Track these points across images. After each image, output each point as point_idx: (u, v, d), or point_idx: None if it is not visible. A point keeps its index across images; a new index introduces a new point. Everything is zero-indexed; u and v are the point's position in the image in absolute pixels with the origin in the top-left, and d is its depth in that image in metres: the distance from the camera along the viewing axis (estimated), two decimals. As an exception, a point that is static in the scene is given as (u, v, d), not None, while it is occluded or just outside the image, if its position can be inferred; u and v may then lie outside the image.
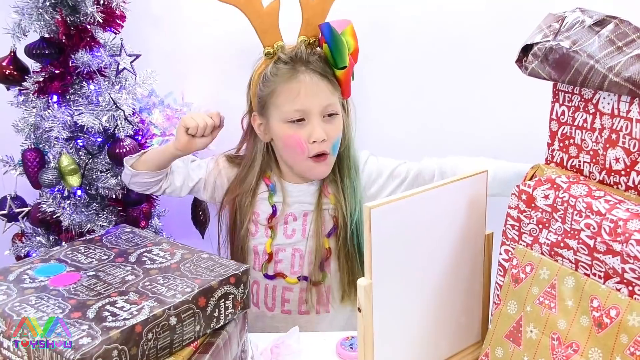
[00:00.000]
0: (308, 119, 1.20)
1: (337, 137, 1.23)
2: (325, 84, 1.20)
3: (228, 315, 0.82)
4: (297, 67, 1.20)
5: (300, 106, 1.19)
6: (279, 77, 1.20)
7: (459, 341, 0.97)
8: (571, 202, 0.79)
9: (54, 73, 1.36)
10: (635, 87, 0.74)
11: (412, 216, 0.85)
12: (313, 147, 1.20)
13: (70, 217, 1.37)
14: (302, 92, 1.19)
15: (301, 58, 1.20)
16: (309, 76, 1.19)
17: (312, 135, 1.19)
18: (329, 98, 1.21)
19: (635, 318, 0.70)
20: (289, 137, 1.21)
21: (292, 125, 1.20)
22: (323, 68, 1.21)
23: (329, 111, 1.21)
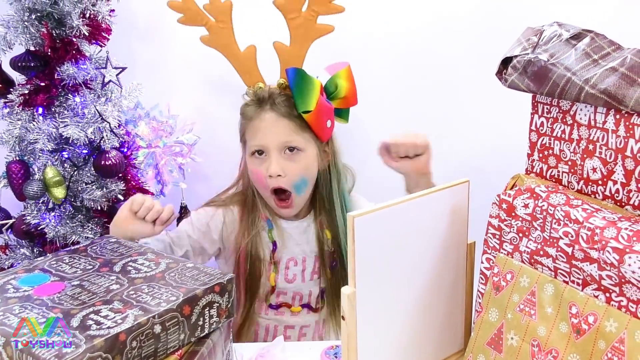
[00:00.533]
0: (267, 153, 1.25)
1: (300, 177, 1.26)
2: (287, 122, 1.24)
3: (213, 323, 0.83)
4: (263, 107, 1.26)
5: (258, 141, 1.25)
6: (247, 116, 1.27)
7: (442, 349, 0.98)
8: (550, 210, 0.80)
9: (39, 85, 1.37)
10: (610, 99, 0.76)
11: (395, 225, 0.86)
12: (270, 182, 1.24)
13: (55, 229, 1.37)
14: (261, 129, 1.25)
15: (265, 98, 1.26)
16: (270, 114, 1.25)
17: (268, 170, 1.24)
18: (289, 135, 1.24)
19: (612, 324, 0.71)
20: (252, 171, 1.28)
21: (255, 160, 1.26)
22: (287, 109, 1.24)
23: (288, 146, 1.24)
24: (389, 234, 0.86)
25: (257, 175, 1.26)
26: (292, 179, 1.25)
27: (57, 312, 0.75)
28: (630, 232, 0.71)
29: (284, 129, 1.24)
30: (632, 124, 0.76)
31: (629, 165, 0.77)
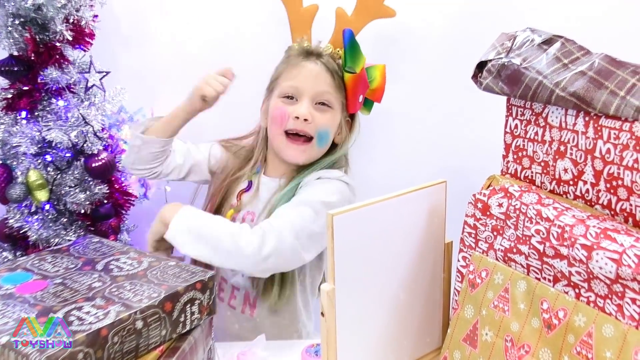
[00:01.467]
0: (300, 99, 1.26)
1: (326, 128, 1.27)
2: (329, 77, 1.27)
3: (194, 320, 0.84)
4: (308, 57, 1.28)
5: (295, 83, 1.26)
6: (289, 62, 1.29)
7: (420, 346, 1.00)
8: (523, 209, 0.83)
9: (22, 90, 1.37)
10: (579, 101, 0.79)
11: (374, 224, 0.88)
12: (294, 124, 1.25)
13: (38, 232, 1.37)
14: (302, 74, 1.26)
15: (314, 51, 1.29)
16: (315, 64, 1.27)
17: (296, 111, 1.24)
18: (327, 88, 1.26)
19: (581, 319, 0.74)
20: (276, 108, 1.27)
21: (284, 100, 1.27)
22: (333, 64, 1.28)
23: (322, 99, 1.26)
24: (367, 233, 0.88)
25: (280, 112, 1.26)
26: (318, 126, 1.26)
27: (40, 309, 0.76)
28: (598, 230, 0.73)
29: (324, 82, 1.26)
30: (601, 126, 0.78)
31: (597, 165, 0.80)
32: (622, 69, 0.76)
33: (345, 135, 1.34)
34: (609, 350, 0.70)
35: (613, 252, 0.70)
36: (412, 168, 1.54)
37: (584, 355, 0.72)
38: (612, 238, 0.71)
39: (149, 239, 1.20)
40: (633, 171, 0.75)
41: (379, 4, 1.37)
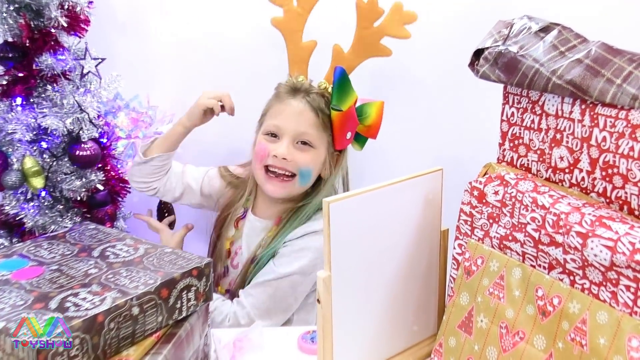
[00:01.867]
0: (281, 137, 1.27)
1: (307, 167, 1.28)
2: (312, 115, 1.27)
3: (190, 307, 0.84)
4: (295, 95, 1.29)
5: (277, 122, 1.28)
6: (277, 98, 1.31)
7: (416, 333, 1.01)
8: (518, 197, 0.83)
9: (17, 76, 1.37)
10: (576, 89, 0.79)
11: (370, 211, 0.88)
12: (272, 159, 1.27)
13: (34, 219, 1.37)
14: (285, 112, 1.28)
15: (302, 89, 1.29)
16: (299, 103, 1.28)
17: (275, 150, 1.27)
18: (308, 128, 1.27)
19: (575, 305, 0.74)
20: (258, 144, 1.30)
21: (267, 137, 1.29)
22: (318, 102, 1.28)
23: (303, 139, 1.27)
24: (363, 220, 0.88)
25: (261, 149, 1.28)
26: (299, 165, 1.28)
27: (36, 295, 0.76)
28: (593, 217, 0.74)
29: (306, 121, 1.27)
30: (597, 114, 0.78)
31: (593, 153, 0.80)
32: (619, 57, 0.76)
33: (331, 170, 1.34)
34: (602, 336, 0.70)
35: (608, 239, 0.70)
36: (408, 156, 1.54)
37: (577, 341, 0.73)
38: (607, 226, 0.72)
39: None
40: (628, 159, 0.76)
41: (376, 43, 1.35)
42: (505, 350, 0.81)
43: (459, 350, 0.88)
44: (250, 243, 1.36)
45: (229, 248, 1.38)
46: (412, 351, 1.00)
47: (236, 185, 1.43)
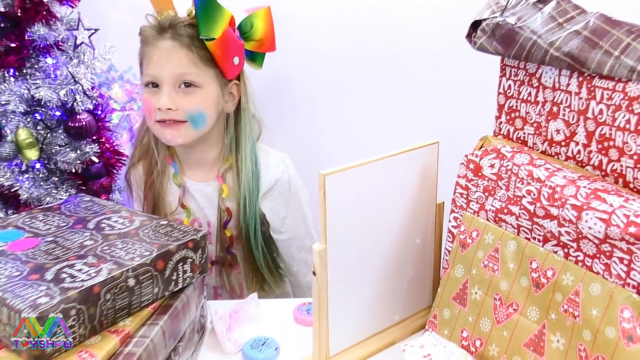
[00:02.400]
0: (161, 85, 1.17)
1: (197, 110, 1.18)
2: (185, 52, 1.16)
3: (186, 278, 0.85)
4: (162, 34, 1.17)
5: (151, 70, 1.17)
6: (144, 43, 1.20)
7: (410, 305, 1.02)
8: (514, 170, 0.83)
9: (9, 46, 1.35)
10: (573, 61, 0.78)
11: (365, 184, 0.88)
12: (158, 113, 1.18)
13: (29, 191, 1.36)
14: (154, 58, 1.17)
15: (167, 25, 1.17)
16: (168, 43, 1.16)
17: (158, 102, 1.17)
18: (184, 67, 1.16)
19: (569, 277, 0.74)
20: (144, 101, 1.21)
21: (149, 90, 1.19)
22: (189, 38, 1.16)
23: (184, 80, 1.17)
24: (359, 193, 0.88)
25: (146, 105, 1.19)
26: (187, 111, 1.18)
27: (31, 266, 0.76)
28: (588, 190, 0.74)
29: (181, 60, 1.16)
30: (594, 86, 0.78)
31: (590, 126, 0.80)
32: (617, 29, 0.75)
33: (235, 101, 1.25)
34: (595, 308, 0.71)
35: (602, 212, 0.70)
36: (404, 128, 1.54)
37: (570, 312, 0.73)
38: (601, 198, 0.72)
39: None
40: (625, 132, 0.75)
41: None
42: (499, 321, 0.82)
43: (453, 321, 0.89)
44: (207, 212, 1.29)
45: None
46: (407, 323, 1.01)
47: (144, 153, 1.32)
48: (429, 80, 1.53)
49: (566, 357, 0.74)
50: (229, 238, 1.29)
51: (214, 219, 1.29)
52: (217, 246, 1.30)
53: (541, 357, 0.76)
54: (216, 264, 1.33)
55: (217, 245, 1.30)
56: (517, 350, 0.79)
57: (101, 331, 0.74)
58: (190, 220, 1.29)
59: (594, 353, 0.71)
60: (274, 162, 1.29)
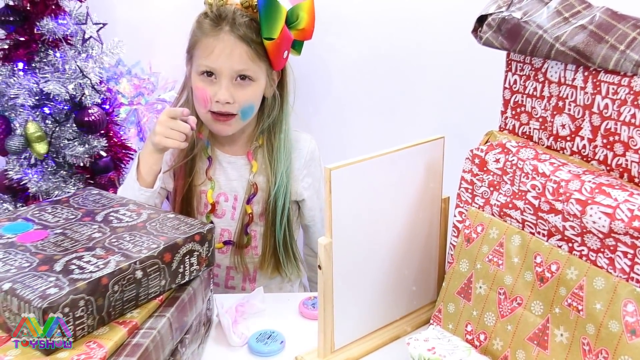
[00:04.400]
0: (218, 77, 1.21)
1: (249, 103, 1.23)
2: (245, 49, 1.19)
3: (193, 271, 0.85)
4: (221, 25, 1.19)
5: (211, 63, 1.20)
6: (202, 31, 1.21)
7: (415, 300, 1.02)
8: (519, 165, 0.83)
9: (19, 40, 1.36)
10: (579, 56, 0.78)
11: (371, 178, 0.89)
12: (215, 105, 1.21)
13: (38, 184, 1.37)
14: (216, 50, 1.19)
15: (227, 17, 1.19)
16: (229, 36, 1.19)
17: (217, 95, 1.20)
18: (244, 63, 1.20)
19: (573, 272, 0.75)
20: (197, 88, 1.23)
21: (204, 79, 1.22)
22: (247, 33, 1.19)
23: (241, 74, 1.21)
24: (365, 187, 0.88)
25: (202, 93, 1.22)
26: (241, 104, 1.22)
27: (41, 258, 0.77)
28: (593, 185, 0.74)
29: (242, 57, 1.19)
30: (599, 81, 0.78)
31: (595, 121, 0.80)
32: (623, 23, 0.75)
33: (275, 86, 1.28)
34: (599, 302, 0.71)
35: (607, 206, 0.71)
36: (410, 123, 1.54)
37: (574, 307, 0.74)
38: (606, 193, 0.72)
39: None
40: (630, 127, 0.76)
41: None
42: (503, 315, 0.82)
43: (457, 315, 0.89)
44: (236, 186, 1.31)
45: (212, 201, 1.30)
46: (412, 317, 1.01)
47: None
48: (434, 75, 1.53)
49: (570, 350, 0.74)
50: (249, 215, 1.31)
51: (241, 193, 1.31)
52: (238, 224, 1.32)
53: (545, 351, 0.77)
54: (232, 243, 1.33)
55: (238, 222, 1.32)
56: (521, 344, 0.80)
57: (109, 322, 0.75)
58: (216, 194, 1.31)
59: (598, 347, 0.71)
60: (305, 137, 1.36)
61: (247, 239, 1.33)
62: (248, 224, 1.32)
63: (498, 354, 0.82)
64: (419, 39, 1.52)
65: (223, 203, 1.31)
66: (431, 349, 0.83)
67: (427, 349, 0.83)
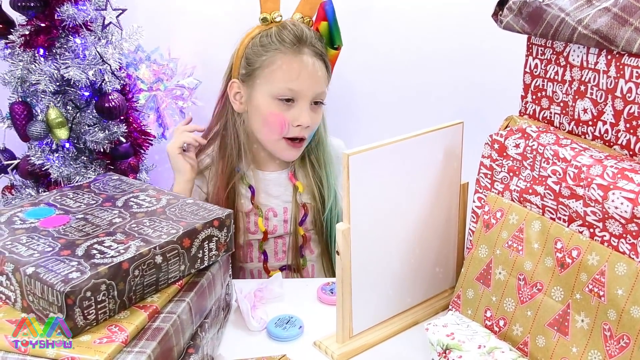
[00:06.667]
0: (297, 101, 1.17)
1: (317, 125, 1.23)
2: (324, 69, 1.19)
3: (212, 256, 0.86)
4: (302, 47, 1.16)
5: (296, 87, 1.16)
6: (280, 51, 1.16)
7: (434, 286, 1.02)
8: (540, 150, 0.82)
9: (39, 26, 1.37)
10: (602, 39, 0.77)
11: (390, 164, 0.88)
12: (294, 130, 1.18)
13: (59, 170, 1.39)
14: (302, 74, 1.16)
15: (307, 37, 1.17)
16: (312, 60, 1.17)
17: (298, 119, 1.17)
18: (323, 86, 1.19)
19: (594, 257, 0.74)
20: (272, 114, 1.17)
21: (280, 104, 1.17)
22: (323, 51, 1.19)
23: (318, 99, 1.20)
24: (383, 173, 0.88)
25: (279, 119, 1.17)
26: (313, 129, 1.22)
27: (63, 243, 0.78)
28: (615, 170, 0.73)
29: (322, 79, 1.18)
30: (623, 65, 0.77)
31: (618, 105, 0.79)
32: (648, 6, 0.74)
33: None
34: (620, 287, 0.70)
35: (629, 191, 0.70)
36: (429, 109, 1.53)
37: (595, 292, 0.73)
38: (629, 178, 0.71)
39: None
40: (654, 111, 0.74)
41: None
42: (523, 301, 0.82)
43: (476, 301, 0.89)
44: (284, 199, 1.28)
45: (264, 229, 1.27)
46: (430, 303, 1.01)
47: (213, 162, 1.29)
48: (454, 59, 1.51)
49: (591, 336, 0.74)
50: (302, 237, 1.29)
51: (290, 206, 1.28)
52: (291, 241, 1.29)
53: (565, 336, 0.76)
54: (286, 269, 1.31)
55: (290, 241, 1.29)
56: (541, 330, 0.79)
57: (130, 306, 0.75)
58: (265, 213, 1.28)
59: (619, 332, 0.70)
60: (337, 142, 1.34)
61: (303, 262, 1.31)
62: (302, 246, 1.30)
63: (518, 340, 0.82)
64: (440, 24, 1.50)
65: (273, 219, 1.28)
66: (450, 335, 0.83)
67: (445, 334, 0.83)
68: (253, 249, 1.30)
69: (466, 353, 0.80)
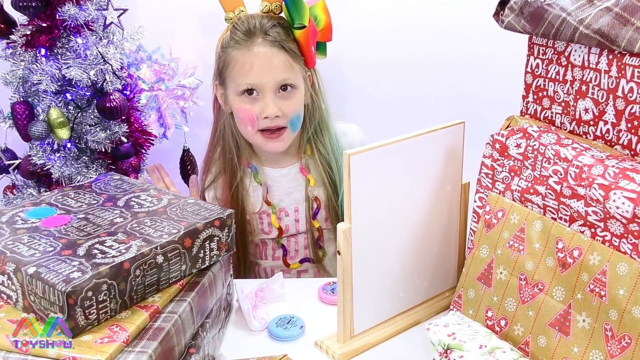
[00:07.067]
0: (262, 93, 1.17)
1: (296, 112, 1.21)
2: (283, 56, 1.16)
3: (213, 256, 0.86)
4: (253, 39, 1.16)
5: (252, 80, 1.16)
6: (234, 48, 1.17)
7: (435, 286, 1.02)
8: (541, 149, 0.82)
9: (41, 26, 1.37)
10: (603, 39, 0.77)
11: (391, 164, 0.88)
12: (264, 122, 1.18)
13: (60, 170, 1.39)
14: (255, 66, 1.15)
15: (258, 29, 1.16)
16: (265, 48, 1.15)
17: (265, 111, 1.17)
18: (285, 72, 1.17)
19: (595, 257, 0.74)
20: (241, 110, 1.19)
21: (245, 99, 1.18)
22: (282, 37, 1.16)
23: (285, 84, 1.18)
24: (384, 173, 0.88)
25: (247, 114, 1.18)
26: (289, 116, 1.19)
27: (64, 242, 0.78)
28: (616, 170, 0.73)
29: (280, 66, 1.16)
30: (624, 64, 0.77)
31: (619, 105, 0.79)
32: (650, 5, 0.74)
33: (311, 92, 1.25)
34: (622, 287, 0.70)
35: (631, 191, 0.70)
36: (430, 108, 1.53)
37: (597, 292, 0.73)
38: (630, 178, 0.71)
39: None
40: (655, 111, 0.74)
41: None
42: (524, 301, 0.82)
43: (477, 301, 0.89)
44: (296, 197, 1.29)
45: (279, 226, 1.29)
46: (432, 303, 1.01)
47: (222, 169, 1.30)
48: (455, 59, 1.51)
49: (592, 336, 0.74)
50: (318, 229, 1.29)
51: (302, 205, 1.29)
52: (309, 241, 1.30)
53: (567, 336, 0.76)
54: (309, 260, 1.32)
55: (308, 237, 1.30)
56: (542, 329, 0.79)
57: (131, 306, 0.76)
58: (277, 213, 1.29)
59: (620, 332, 0.70)
60: (352, 128, 1.33)
61: (322, 252, 1.32)
62: (319, 238, 1.31)
63: (519, 340, 0.82)
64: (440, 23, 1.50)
65: (285, 218, 1.29)
66: (451, 335, 0.83)
67: (447, 334, 0.83)
68: (267, 247, 1.31)
69: (467, 353, 0.80)
